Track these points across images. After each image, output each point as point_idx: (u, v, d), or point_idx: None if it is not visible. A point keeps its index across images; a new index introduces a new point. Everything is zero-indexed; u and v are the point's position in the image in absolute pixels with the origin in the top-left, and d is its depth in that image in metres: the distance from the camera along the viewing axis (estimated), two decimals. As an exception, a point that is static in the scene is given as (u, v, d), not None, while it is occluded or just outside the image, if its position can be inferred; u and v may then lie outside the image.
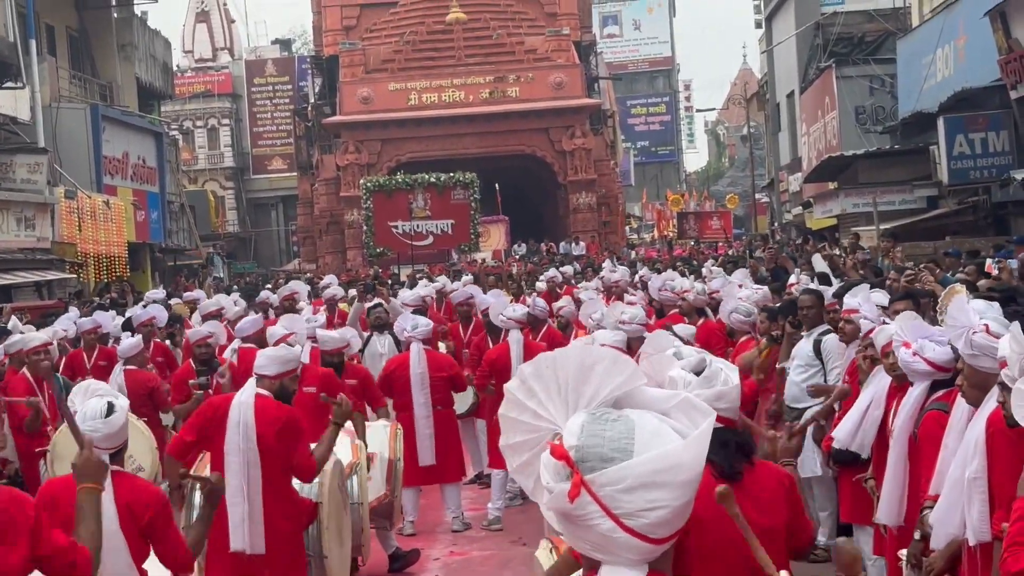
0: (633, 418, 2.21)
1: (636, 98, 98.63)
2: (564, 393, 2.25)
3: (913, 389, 5.98)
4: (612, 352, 2.29)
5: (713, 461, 3.91)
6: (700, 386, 3.95)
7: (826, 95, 32.39)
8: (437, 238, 40.98)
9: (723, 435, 3.94)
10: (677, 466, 2.17)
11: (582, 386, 2.25)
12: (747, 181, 58.34)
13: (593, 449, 2.17)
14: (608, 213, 47.91)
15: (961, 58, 21.27)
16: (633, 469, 2.15)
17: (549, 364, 2.28)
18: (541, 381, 2.27)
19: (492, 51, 47.45)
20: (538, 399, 2.27)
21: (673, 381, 3.99)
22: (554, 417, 2.25)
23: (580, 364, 2.27)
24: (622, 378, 2.27)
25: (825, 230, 31.99)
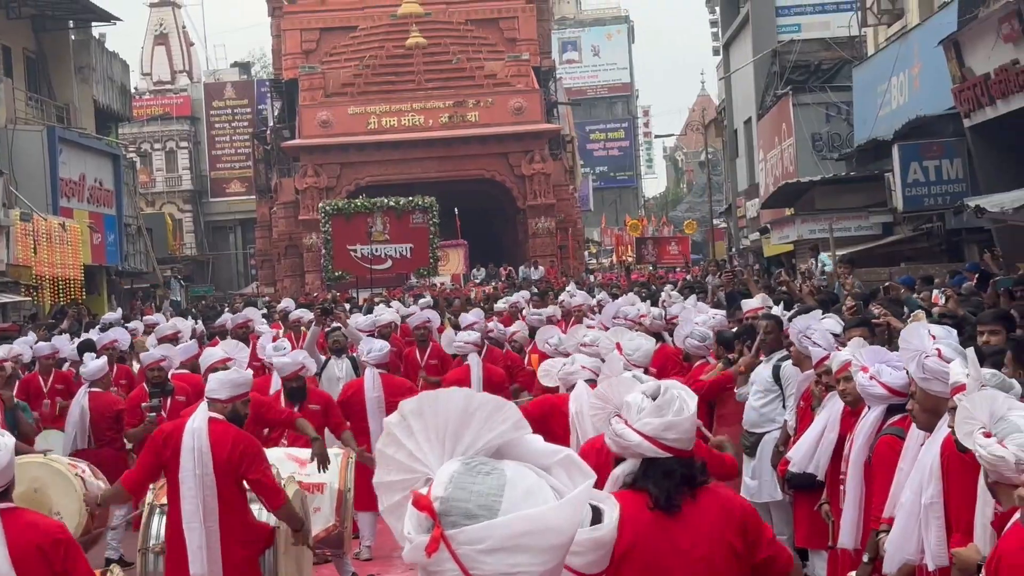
0: (507, 473, 2.08)
1: (595, 124, 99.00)
2: (442, 437, 2.13)
3: (869, 413, 6.02)
4: (496, 400, 2.16)
5: (649, 492, 3.98)
6: (651, 414, 3.94)
7: (783, 122, 32.64)
8: (396, 262, 40.93)
9: (669, 465, 3.97)
10: (545, 530, 2.02)
11: (462, 431, 2.13)
12: (705, 207, 58.63)
13: (458, 503, 2.04)
14: (567, 238, 48.03)
15: (916, 86, 21.51)
16: (496, 530, 2.01)
17: (431, 404, 2.15)
18: (421, 420, 2.15)
19: (452, 76, 47.55)
20: (416, 440, 2.14)
21: (628, 406, 4.00)
22: (428, 460, 2.12)
23: (462, 409, 2.14)
24: (503, 427, 2.14)
25: (782, 256, 32.20)
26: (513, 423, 2.15)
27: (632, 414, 3.96)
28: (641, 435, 3.93)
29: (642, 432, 3.93)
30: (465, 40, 49.18)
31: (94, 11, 36.72)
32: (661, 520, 4.00)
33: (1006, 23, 15.10)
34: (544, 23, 54.27)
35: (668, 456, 3.96)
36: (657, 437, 3.92)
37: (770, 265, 31.73)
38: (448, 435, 2.13)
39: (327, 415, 9.78)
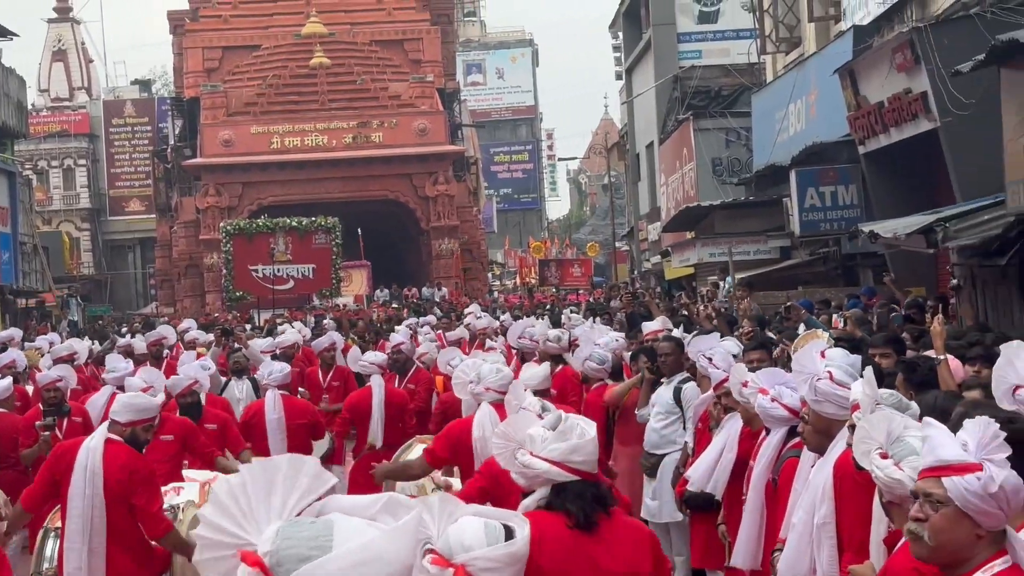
0: (332, 518, 2.09)
1: (499, 146, 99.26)
2: (253, 509, 2.13)
3: (772, 435, 6.06)
4: (289, 458, 2.19)
5: (569, 511, 4.12)
6: (556, 440, 4.07)
7: (684, 146, 33.00)
8: (298, 282, 40.66)
9: (579, 487, 4.12)
10: (379, 558, 2.03)
11: (269, 498, 2.14)
12: (608, 230, 59.07)
13: (289, 551, 2.03)
14: (470, 259, 48.08)
15: (812, 113, 21.89)
16: (331, 564, 2.00)
17: (240, 480, 2.17)
18: (234, 499, 2.15)
19: (356, 96, 47.45)
20: (234, 518, 2.13)
21: (532, 439, 4.10)
22: (247, 536, 2.11)
23: (258, 479, 2.16)
24: (306, 480, 2.16)
25: (683, 279, 32.53)
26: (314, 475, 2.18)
27: (536, 444, 4.09)
28: (549, 462, 4.07)
29: (549, 459, 4.07)
30: (370, 61, 49.12)
31: (-10, 26, 36.09)
32: (579, 538, 4.13)
33: (899, 53, 15.45)
34: (449, 45, 54.43)
35: (576, 479, 4.10)
36: (565, 461, 4.06)
37: (671, 288, 32.03)
38: (257, 506, 2.14)
39: (224, 435, 9.66)
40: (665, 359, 9.03)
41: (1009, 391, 4.63)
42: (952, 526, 3.21)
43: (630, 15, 44.65)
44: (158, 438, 8.49)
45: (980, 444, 3.25)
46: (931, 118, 14.84)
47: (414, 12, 51.90)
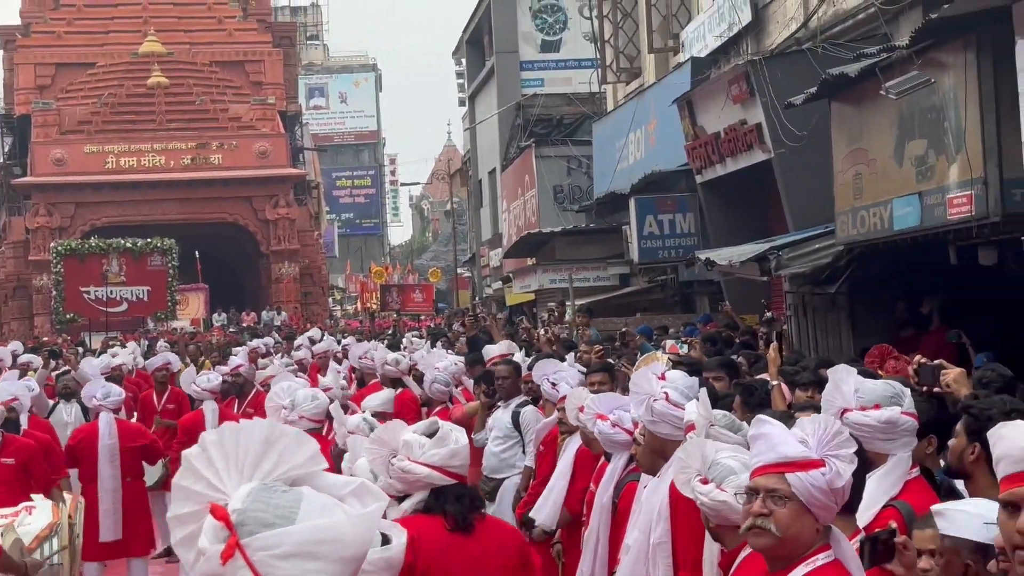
0: (304, 491, 2.15)
1: (341, 170, 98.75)
2: (242, 465, 2.19)
3: (615, 460, 6.09)
4: (298, 432, 2.24)
5: (448, 512, 4.32)
6: (435, 446, 4.25)
7: (526, 173, 33.25)
8: (132, 305, 39.76)
9: (458, 490, 4.37)
10: (339, 540, 2.10)
11: (261, 460, 2.19)
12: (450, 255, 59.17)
13: (255, 514, 2.10)
14: (311, 284, 47.66)
15: (652, 143, 22.24)
16: (292, 536, 2.07)
17: (233, 434, 2.21)
18: (222, 450, 2.20)
19: (195, 117, 46.75)
20: (215, 469, 2.19)
21: (408, 445, 4.27)
22: (226, 488, 2.17)
23: (264, 438, 2.20)
24: (303, 458, 2.21)
25: (524, 304, 32.72)
26: (310, 456, 2.22)
27: (414, 450, 4.26)
28: (429, 466, 4.26)
29: (430, 463, 4.26)
30: (209, 82, 48.44)
31: None
32: (458, 539, 4.34)
33: (735, 85, 15.80)
34: (291, 68, 54.01)
35: (454, 483, 4.32)
36: (444, 466, 4.28)
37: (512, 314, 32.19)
38: (247, 464, 2.19)
39: (47, 458, 9.34)
40: (502, 382, 9.04)
41: (837, 414, 4.74)
42: (796, 520, 3.30)
43: (473, 42, 44.91)
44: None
45: (821, 441, 3.36)
46: (765, 149, 15.21)
47: (256, 34, 51.40)
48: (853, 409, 4.70)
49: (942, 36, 10.15)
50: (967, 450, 4.53)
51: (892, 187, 11.37)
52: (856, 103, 12.27)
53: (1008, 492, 2.69)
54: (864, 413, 4.68)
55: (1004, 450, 2.73)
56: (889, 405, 4.71)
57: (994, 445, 2.78)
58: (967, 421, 4.59)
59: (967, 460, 4.52)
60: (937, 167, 10.56)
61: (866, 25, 14.47)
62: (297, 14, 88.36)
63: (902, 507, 4.47)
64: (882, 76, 10.82)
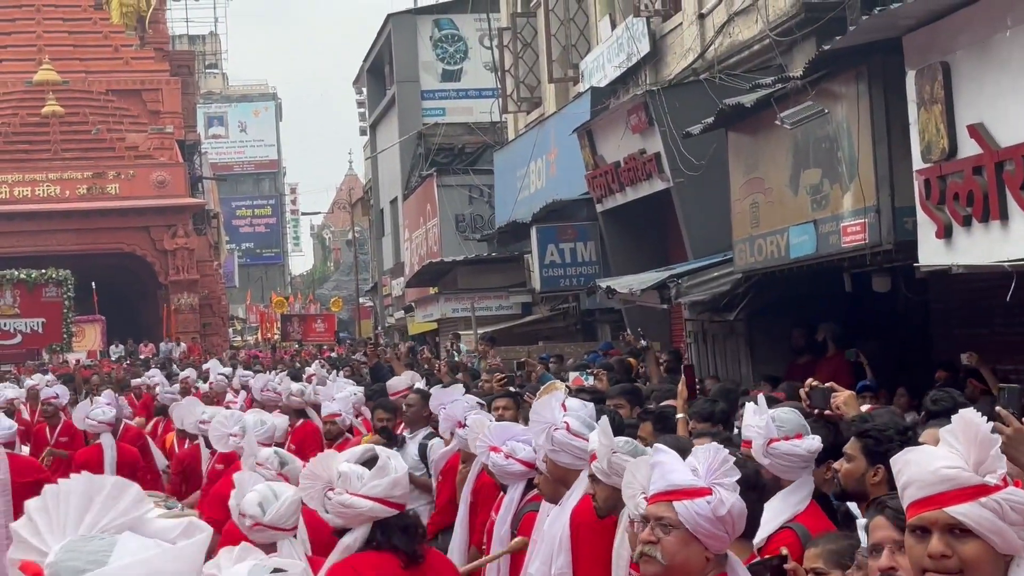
0: (121, 536, 2.10)
1: (241, 200, 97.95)
2: (63, 523, 2.15)
3: (511, 490, 6.07)
4: (116, 480, 2.20)
5: (398, 548, 4.14)
6: (375, 477, 4.05)
7: (428, 202, 33.25)
8: (26, 337, 38.95)
9: (403, 520, 4.18)
10: (158, 573, 2.03)
11: (84, 514, 2.15)
12: (352, 285, 58.87)
13: (66, 563, 2.05)
14: (211, 314, 47.10)
15: (552, 172, 22.36)
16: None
17: (54, 495, 2.17)
18: (46, 515, 2.15)
19: (91, 146, 46.07)
20: (40, 535, 2.14)
21: (345, 477, 4.06)
22: (46, 546, 2.12)
23: (82, 493, 2.17)
24: (124, 505, 2.18)
25: (427, 334, 32.66)
26: (131, 502, 2.18)
27: (353, 483, 4.06)
28: (371, 499, 4.05)
29: (371, 496, 4.05)
30: (106, 111, 47.78)
31: None
32: (412, 573, 4.17)
33: (634, 115, 15.95)
34: (189, 96, 53.53)
35: (397, 513, 4.13)
36: (387, 497, 4.08)
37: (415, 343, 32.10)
38: (70, 521, 2.14)
39: None
40: (409, 411, 8.98)
41: (764, 445, 4.79)
42: (682, 548, 3.29)
43: (374, 71, 44.89)
44: None
45: (709, 469, 3.34)
46: (664, 178, 15.36)
47: (153, 62, 50.84)
48: (779, 439, 4.75)
49: (835, 67, 10.35)
50: (869, 473, 4.59)
51: (788, 215, 11.55)
52: (752, 133, 12.46)
53: (917, 517, 2.71)
54: (792, 443, 4.73)
55: (912, 475, 2.74)
56: (808, 434, 4.78)
57: (899, 472, 2.79)
58: (866, 443, 4.64)
59: (869, 482, 4.58)
60: (832, 195, 10.76)
61: (761, 56, 14.71)
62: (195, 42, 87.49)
63: (798, 529, 4.52)
64: (777, 106, 11.01)
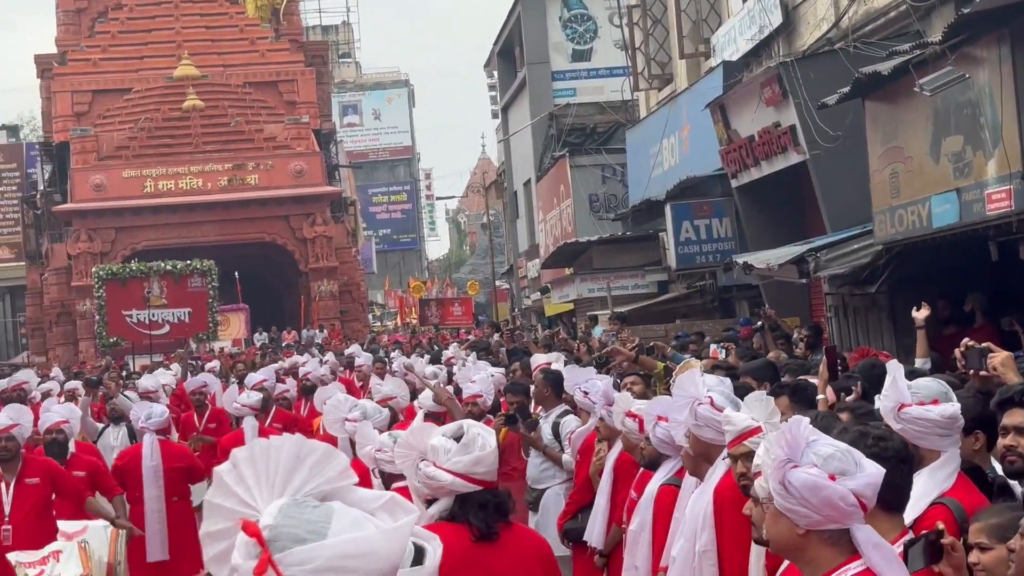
0: (334, 507, 2.16)
1: (377, 186, 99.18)
2: (272, 481, 2.19)
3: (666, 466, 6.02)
4: (327, 447, 2.25)
5: (471, 522, 4.23)
6: (459, 452, 4.17)
7: (561, 183, 33.26)
8: (174, 326, 40.00)
9: (482, 497, 4.25)
10: (371, 554, 2.10)
11: (292, 475, 2.20)
12: (488, 268, 59.19)
13: (287, 529, 2.11)
14: (350, 300, 47.81)
15: (685, 148, 22.19)
16: (324, 550, 2.08)
17: (263, 450, 2.22)
18: (252, 466, 2.21)
19: (231, 138, 47.02)
20: (246, 485, 2.20)
21: (435, 450, 4.19)
22: (258, 504, 2.18)
23: (294, 454, 2.21)
24: (333, 473, 2.22)
25: (563, 315, 32.70)
26: (340, 471, 2.23)
27: (440, 456, 4.19)
28: (453, 473, 4.18)
29: (453, 471, 4.18)
30: (244, 103, 48.72)
31: None
32: (482, 549, 4.25)
33: (767, 87, 15.74)
34: (324, 86, 54.27)
35: (479, 489, 4.22)
36: (468, 473, 4.19)
37: (551, 324, 32.19)
38: (278, 479, 2.19)
39: (94, 481, 9.41)
40: (539, 392, 9.02)
41: (894, 409, 4.71)
42: (773, 523, 3.26)
43: (504, 54, 44.99)
44: (23, 481, 8.25)
45: (788, 444, 3.22)
46: (800, 151, 15.14)
47: (288, 54, 51.66)
48: (911, 404, 4.67)
49: (975, 31, 10.08)
50: None
51: (929, 184, 11.29)
52: (890, 101, 12.19)
53: None
54: (924, 408, 4.65)
55: None
56: (945, 401, 4.68)
57: None
58: None
59: None
60: (975, 163, 10.48)
61: (898, 23, 14.39)
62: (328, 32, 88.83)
63: (952, 504, 4.43)
64: (915, 73, 10.76)
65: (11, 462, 8.39)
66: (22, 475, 8.34)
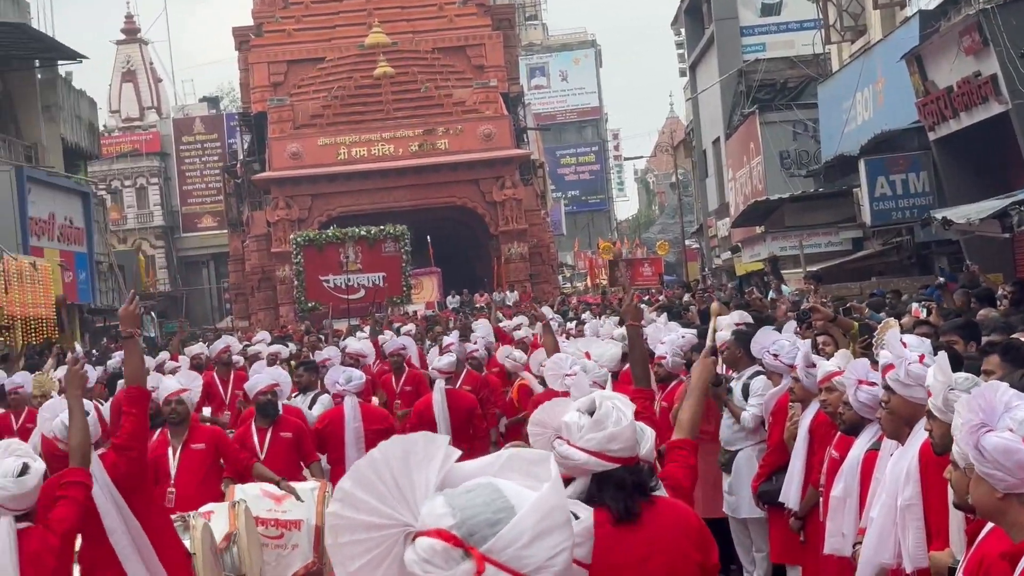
0: (487, 482, 2.08)
1: (565, 148, 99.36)
2: (398, 489, 2.09)
3: (869, 429, 5.93)
4: (423, 434, 2.14)
5: (608, 505, 3.91)
6: (592, 429, 3.87)
7: (751, 141, 32.82)
8: (369, 291, 40.83)
9: (619, 474, 3.91)
10: (556, 508, 2.06)
11: (413, 475, 2.10)
12: (677, 227, 58.83)
13: (476, 519, 2.03)
14: (540, 262, 48.11)
15: (880, 102, 21.65)
16: (525, 522, 2.03)
17: (370, 466, 2.10)
18: (366, 487, 2.09)
19: (420, 104, 47.66)
20: (370, 506, 2.08)
21: (568, 427, 3.90)
22: (398, 516, 2.07)
23: (400, 456, 2.10)
24: (440, 456, 2.12)
25: (753, 274, 32.32)
26: (446, 452, 2.13)
27: (573, 433, 3.89)
28: (587, 452, 3.87)
29: (587, 449, 3.87)
30: (433, 68, 49.31)
31: (60, 49, 36.61)
32: (622, 531, 3.96)
33: (967, 36, 15.24)
34: (511, 49, 54.51)
35: (616, 467, 3.91)
36: (603, 451, 3.86)
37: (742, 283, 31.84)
38: (404, 485, 2.09)
39: (299, 445, 9.69)
40: (728, 354, 8.94)
41: None
42: (975, 487, 3.34)
43: (692, 11, 44.48)
44: (189, 447, 8.50)
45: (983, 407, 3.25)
46: (1002, 100, 14.64)
47: (476, 18, 52.03)
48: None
49: None
50: None
51: None
52: (1099, 46, 11.67)
53: None
54: None
55: None
56: None
57: None
58: None
59: None
60: None
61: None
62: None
63: None
64: None
65: (179, 426, 8.51)
66: (189, 441, 8.48)
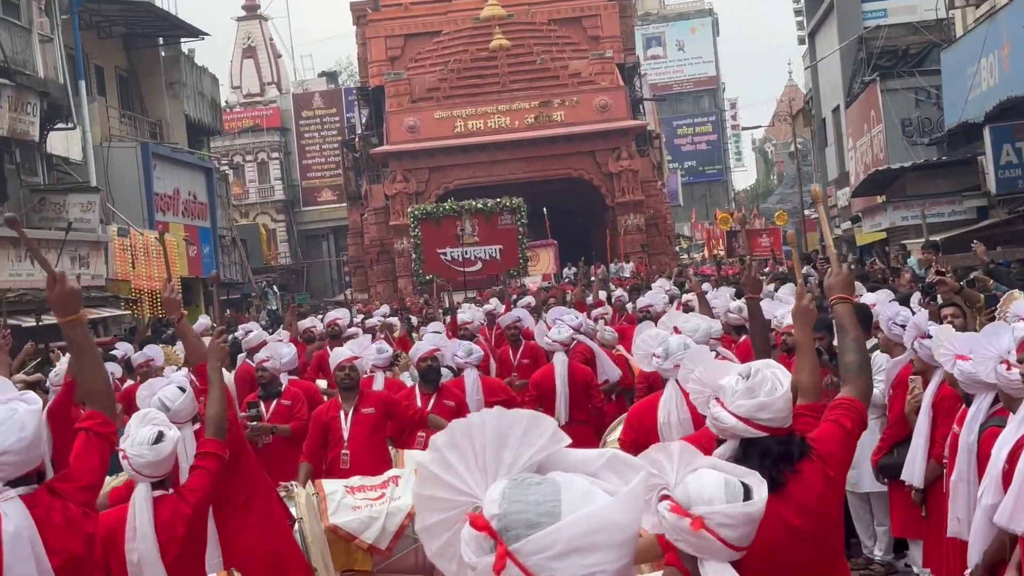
0: (559, 480, 2.01)
1: (682, 118, 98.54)
2: (482, 461, 2.05)
3: (978, 401, 5.82)
4: (530, 414, 2.09)
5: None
6: (744, 396, 3.94)
7: (871, 109, 32.24)
8: (485, 263, 41.09)
9: (765, 444, 3.96)
10: (611, 526, 1.95)
11: (501, 452, 2.06)
12: (796, 198, 58.05)
13: (517, 516, 1.96)
14: (656, 234, 47.90)
15: (1006, 67, 21.14)
16: (563, 532, 1.93)
17: (464, 431, 2.07)
18: (457, 451, 2.07)
19: (536, 76, 47.66)
20: (455, 471, 2.06)
21: (724, 389, 4.00)
22: (473, 489, 2.04)
23: (496, 429, 2.07)
24: (542, 440, 2.07)
25: (875, 244, 31.80)
26: (550, 436, 2.09)
27: (727, 396, 3.97)
28: (736, 417, 3.94)
29: (736, 414, 3.94)
30: (548, 40, 49.26)
31: (183, 27, 37.39)
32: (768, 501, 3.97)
33: (1096, -1, 14.81)
34: (627, 20, 54.20)
35: (764, 435, 3.96)
36: (751, 418, 3.93)
37: (863, 254, 31.37)
38: (488, 459, 2.06)
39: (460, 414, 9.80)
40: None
41: None
42: None
43: (811, -23, 43.75)
44: (360, 411, 8.83)
45: None
46: None
47: (591, -11, 51.84)
48: None
49: None
50: None
51: None
52: None
53: None
54: None
55: None
56: None
57: None
58: None
59: None
60: None
61: None
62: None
63: None
64: None
65: (351, 391, 9.00)
66: (359, 405, 8.94)
